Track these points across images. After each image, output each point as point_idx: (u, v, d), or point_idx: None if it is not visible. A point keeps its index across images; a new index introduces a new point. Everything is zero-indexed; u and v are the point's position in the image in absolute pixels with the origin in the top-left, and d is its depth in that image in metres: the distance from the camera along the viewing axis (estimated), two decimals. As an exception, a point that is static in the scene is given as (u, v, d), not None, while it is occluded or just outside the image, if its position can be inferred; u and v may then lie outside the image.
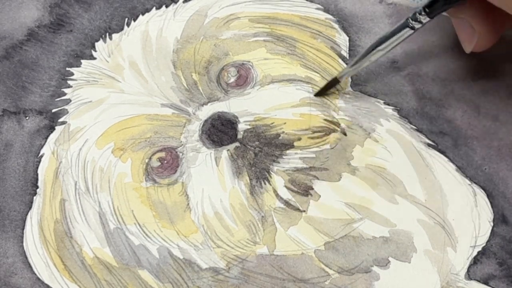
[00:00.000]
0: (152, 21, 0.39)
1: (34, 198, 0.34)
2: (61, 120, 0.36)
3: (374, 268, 0.32)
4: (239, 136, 0.35)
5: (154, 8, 0.40)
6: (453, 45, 0.37)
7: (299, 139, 0.34)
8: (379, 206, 0.33)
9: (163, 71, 0.37)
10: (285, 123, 0.35)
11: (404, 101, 0.36)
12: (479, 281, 0.31)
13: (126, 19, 0.40)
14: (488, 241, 0.32)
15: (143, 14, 0.40)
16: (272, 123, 0.35)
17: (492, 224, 0.33)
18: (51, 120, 0.36)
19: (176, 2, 0.40)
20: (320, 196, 0.33)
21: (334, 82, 0.35)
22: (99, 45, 0.39)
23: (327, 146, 0.35)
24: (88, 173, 0.34)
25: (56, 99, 0.37)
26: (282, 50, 0.38)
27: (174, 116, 0.36)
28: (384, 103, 0.36)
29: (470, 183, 0.34)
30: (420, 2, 0.35)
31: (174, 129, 0.35)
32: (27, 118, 0.37)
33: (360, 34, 0.39)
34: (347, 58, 0.38)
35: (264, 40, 0.38)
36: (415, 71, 0.37)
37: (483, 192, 0.33)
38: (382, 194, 0.33)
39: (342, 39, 0.39)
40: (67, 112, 0.37)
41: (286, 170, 0.34)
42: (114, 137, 0.35)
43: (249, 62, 0.37)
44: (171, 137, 0.35)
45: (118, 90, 0.37)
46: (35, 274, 0.32)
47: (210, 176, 0.34)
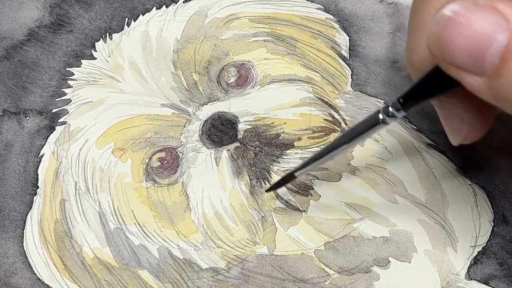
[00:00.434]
0: (152, 21, 0.39)
1: (34, 198, 0.34)
2: (61, 120, 0.36)
3: (374, 268, 0.32)
4: (239, 136, 0.35)
5: (154, 8, 0.40)
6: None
7: (299, 139, 0.34)
8: (379, 206, 0.33)
9: (163, 71, 0.37)
10: (285, 123, 0.35)
11: (404, 101, 0.36)
12: (480, 281, 0.31)
13: (126, 19, 0.40)
14: (488, 241, 0.32)
15: (143, 14, 0.40)
16: (272, 123, 0.35)
17: (492, 224, 0.33)
18: (51, 120, 0.36)
19: (176, 2, 0.40)
20: (320, 196, 0.33)
21: (290, 178, 0.31)
22: (99, 45, 0.39)
23: (327, 146, 0.34)
24: (88, 173, 0.34)
25: (56, 99, 0.37)
26: (282, 50, 0.38)
27: (174, 116, 0.36)
28: (384, 103, 0.36)
29: (470, 183, 0.34)
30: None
31: (174, 129, 0.35)
32: (27, 118, 0.37)
33: (360, 34, 0.39)
34: (347, 58, 0.38)
35: (264, 40, 0.38)
36: (416, 71, 0.37)
37: (484, 192, 0.33)
38: (382, 194, 0.33)
39: (343, 39, 0.39)
40: (67, 112, 0.37)
41: (286, 170, 0.34)
42: (114, 137, 0.35)
43: (249, 62, 0.37)
44: (171, 137, 0.35)
45: (118, 90, 0.37)
46: (35, 274, 0.32)
47: (210, 176, 0.34)
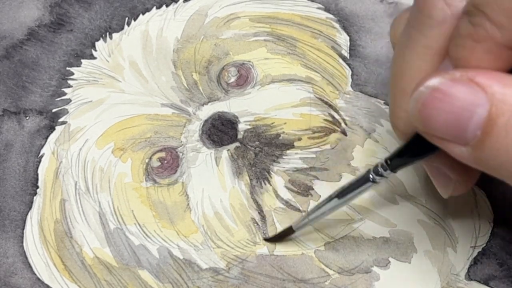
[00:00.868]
0: (152, 20, 0.39)
1: (34, 198, 0.34)
2: (61, 120, 0.36)
3: (374, 268, 0.32)
4: (239, 136, 0.35)
5: (155, 7, 0.40)
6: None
7: (300, 139, 0.34)
8: (379, 206, 0.33)
9: (163, 71, 0.37)
10: (285, 123, 0.35)
11: (404, 101, 0.36)
12: (480, 281, 0.31)
13: (127, 19, 0.40)
14: (488, 241, 0.32)
15: (144, 14, 0.40)
16: (272, 123, 0.35)
17: (492, 224, 0.33)
18: (51, 120, 0.36)
19: (176, 2, 0.40)
20: (320, 196, 0.33)
21: (289, 231, 0.32)
22: (100, 44, 0.39)
23: (328, 146, 0.34)
24: (88, 173, 0.34)
25: (56, 99, 0.37)
26: (283, 50, 0.38)
27: (174, 116, 0.36)
28: (384, 103, 0.36)
29: (470, 184, 0.34)
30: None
31: (174, 129, 0.35)
32: (27, 118, 0.37)
33: (360, 34, 0.39)
34: (348, 58, 0.38)
35: (264, 39, 0.38)
36: (416, 71, 0.37)
37: (483, 192, 0.33)
38: (382, 194, 0.33)
39: (343, 39, 0.39)
40: (67, 112, 0.37)
41: (286, 170, 0.34)
42: (114, 137, 0.35)
43: (249, 62, 0.37)
44: (171, 137, 0.35)
45: (118, 90, 0.37)
46: (35, 274, 0.32)
47: (210, 176, 0.34)
